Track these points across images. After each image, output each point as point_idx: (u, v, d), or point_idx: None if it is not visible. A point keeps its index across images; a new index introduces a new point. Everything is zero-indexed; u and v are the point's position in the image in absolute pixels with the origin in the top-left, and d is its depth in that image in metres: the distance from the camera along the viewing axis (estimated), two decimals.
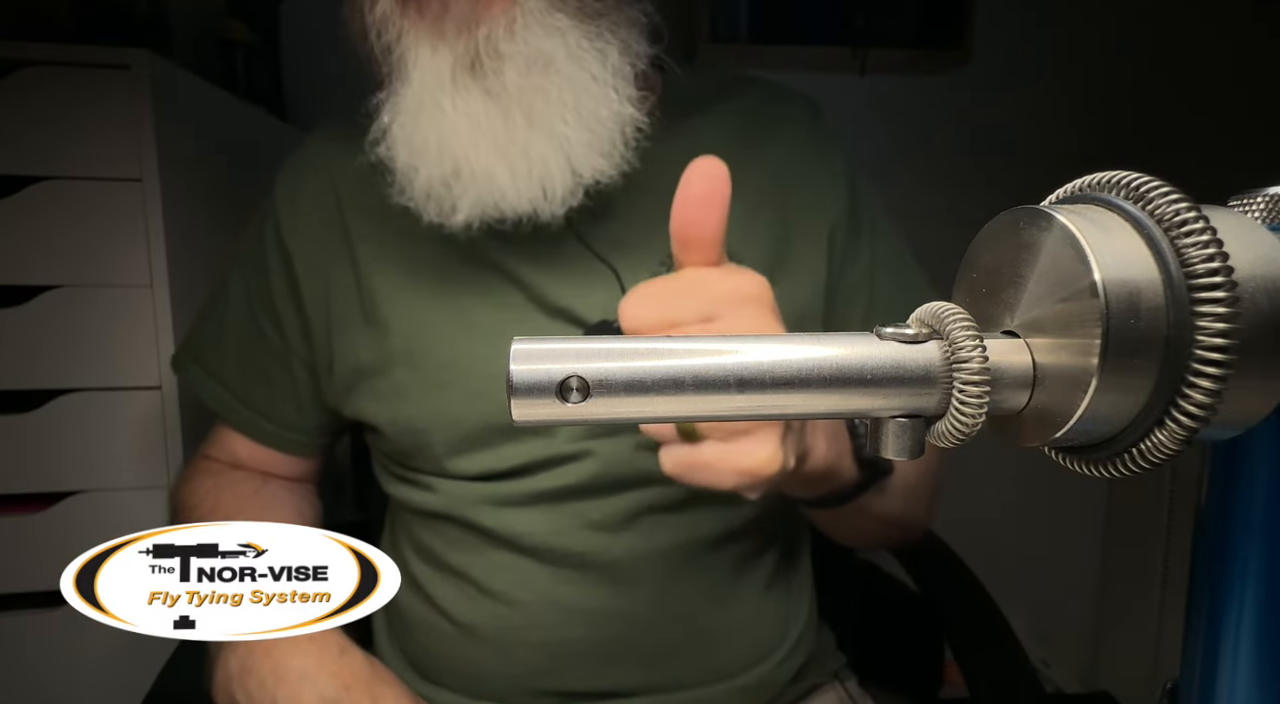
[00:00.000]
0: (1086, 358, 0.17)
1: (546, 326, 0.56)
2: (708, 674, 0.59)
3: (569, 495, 0.56)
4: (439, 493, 0.58)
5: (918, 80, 1.32)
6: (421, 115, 0.49)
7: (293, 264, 0.59)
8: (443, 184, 0.50)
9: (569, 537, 0.56)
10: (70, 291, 0.74)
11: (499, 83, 0.48)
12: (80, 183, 0.73)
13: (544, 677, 0.58)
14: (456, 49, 0.48)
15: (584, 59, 0.49)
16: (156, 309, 0.75)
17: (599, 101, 0.49)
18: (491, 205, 0.50)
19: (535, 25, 0.47)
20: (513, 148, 0.49)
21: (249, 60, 1.03)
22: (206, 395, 0.63)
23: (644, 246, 0.55)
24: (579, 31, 0.49)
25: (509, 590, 0.57)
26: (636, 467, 0.55)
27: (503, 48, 0.47)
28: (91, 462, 0.76)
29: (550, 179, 0.49)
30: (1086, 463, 0.19)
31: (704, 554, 0.58)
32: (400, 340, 0.56)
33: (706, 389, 0.18)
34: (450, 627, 0.59)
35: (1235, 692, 0.21)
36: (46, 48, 0.72)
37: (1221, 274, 0.16)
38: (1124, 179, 0.18)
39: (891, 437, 0.19)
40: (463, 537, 0.58)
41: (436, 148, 0.49)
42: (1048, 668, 1.45)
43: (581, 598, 0.56)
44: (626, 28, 0.51)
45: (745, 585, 0.60)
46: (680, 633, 0.58)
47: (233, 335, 0.62)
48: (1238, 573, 0.20)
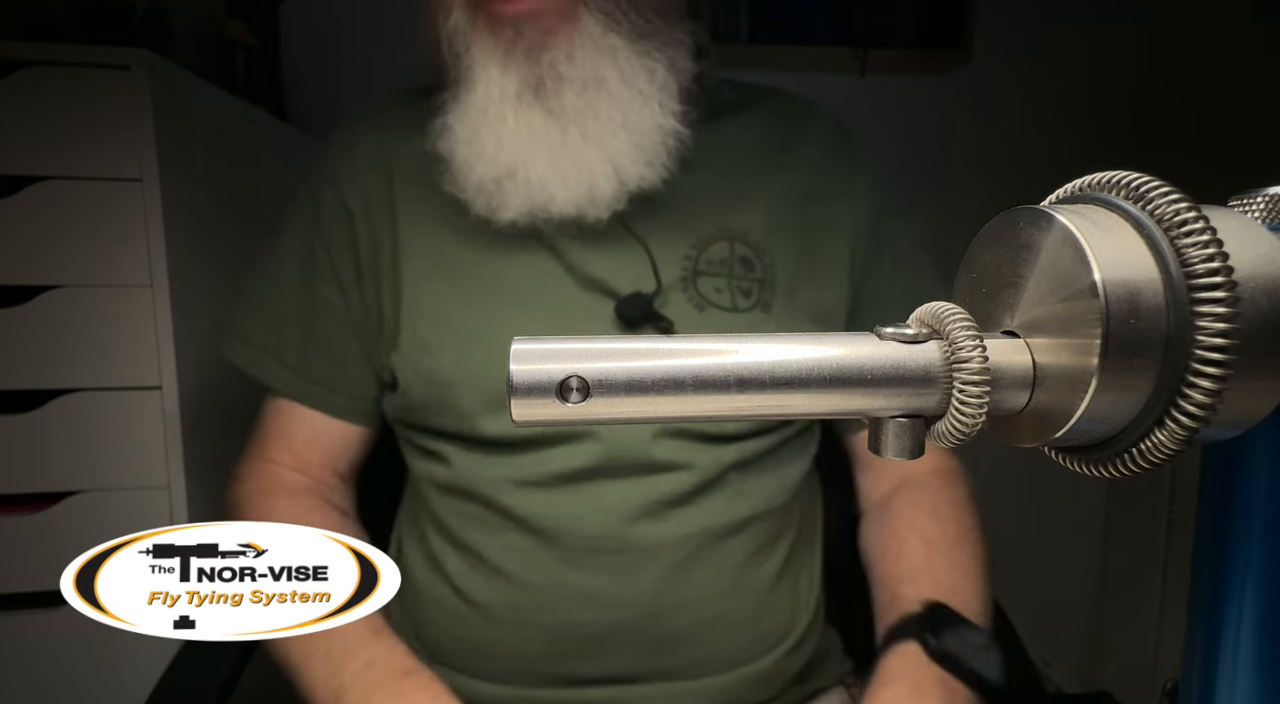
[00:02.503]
0: (1086, 358, 0.17)
1: (579, 296, 0.59)
2: (714, 663, 0.59)
3: (582, 477, 0.57)
4: (458, 468, 0.60)
5: (918, 80, 1.32)
6: (484, 122, 0.55)
7: (353, 222, 0.62)
8: (495, 183, 0.55)
9: (583, 521, 0.57)
10: (70, 291, 0.74)
11: (559, 103, 0.54)
12: (80, 183, 0.73)
13: (552, 660, 0.58)
14: (524, 71, 0.54)
15: (634, 78, 0.55)
16: (156, 309, 0.75)
17: (645, 116, 0.55)
18: (540, 207, 0.55)
19: (592, 48, 0.53)
20: (567, 158, 0.54)
21: (249, 60, 1.03)
22: (265, 374, 0.63)
23: (677, 230, 0.60)
24: (630, 51, 0.55)
25: (521, 572, 0.58)
26: (648, 453, 0.57)
27: (563, 71, 0.53)
28: (91, 462, 0.76)
29: (598, 187, 0.55)
30: (1086, 463, 0.19)
31: (714, 544, 0.59)
32: (431, 300, 0.59)
33: (706, 389, 0.18)
34: (464, 606, 0.60)
35: (1235, 692, 0.21)
36: (46, 48, 0.72)
37: (1221, 274, 0.16)
38: (1124, 179, 0.18)
39: (891, 437, 0.19)
40: (480, 514, 0.60)
41: (494, 151, 0.55)
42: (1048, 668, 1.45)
43: (592, 583, 0.57)
44: (673, 47, 0.57)
45: (755, 577, 0.61)
46: (688, 621, 0.58)
47: (290, 309, 0.63)
48: (1238, 573, 0.20)
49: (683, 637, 0.58)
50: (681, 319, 0.58)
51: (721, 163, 0.62)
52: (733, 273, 0.60)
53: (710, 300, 0.59)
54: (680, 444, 0.58)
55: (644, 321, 0.57)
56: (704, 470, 0.58)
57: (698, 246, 0.60)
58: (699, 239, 0.60)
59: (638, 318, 0.57)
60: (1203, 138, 1.28)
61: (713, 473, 0.58)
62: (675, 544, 0.58)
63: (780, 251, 0.61)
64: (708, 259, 0.60)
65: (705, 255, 0.60)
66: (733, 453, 0.59)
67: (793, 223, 0.62)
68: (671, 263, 0.59)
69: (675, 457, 0.57)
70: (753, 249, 0.61)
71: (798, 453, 0.64)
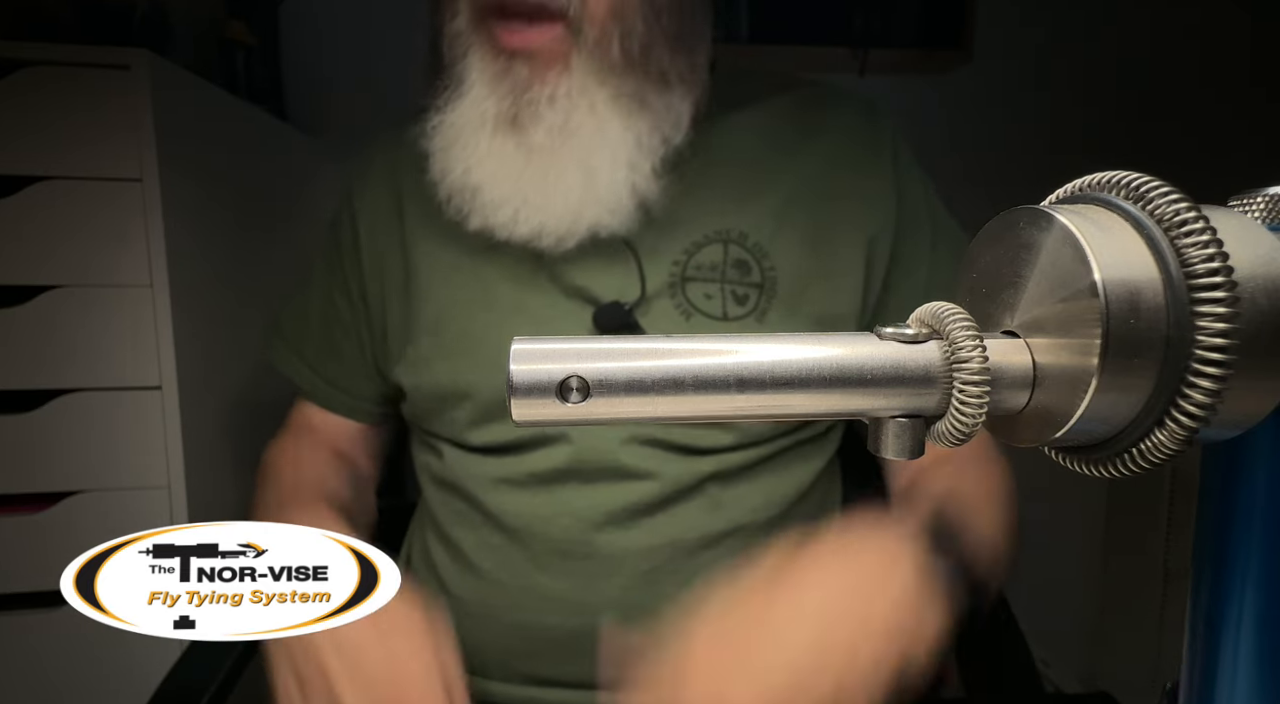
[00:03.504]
0: (1086, 358, 0.17)
1: (563, 304, 0.59)
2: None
3: (553, 479, 0.58)
4: (447, 461, 0.62)
5: (918, 80, 1.32)
6: (458, 141, 0.56)
7: (359, 244, 0.66)
8: (460, 194, 0.57)
9: (550, 523, 0.58)
10: (70, 291, 0.74)
11: (528, 139, 0.55)
12: (80, 183, 0.73)
13: (518, 659, 0.59)
14: (504, 103, 0.55)
15: (609, 134, 0.55)
16: (156, 309, 0.75)
17: (614, 171, 0.55)
18: (496, 226, 0.56)
19: (576, 98, 0.54)
20: (527, 190, 0.55)
21: (249, 60, 1.03)
22: (289, 370, 0.70)
23: (668, 233, 0.59)
24: (613, 109, 0.54)
25: (493, 570, 0.59)
26: (615, 459, 0.57)
27: (542, 112, 0.54)
28: (91, 462, 0.76)
29: (549, 223, 0.56)
30: (1086, 463, 0.19)
31: (684, 558, 0.58)
32: (430, 310, 0.62)
33: (706, 389, 0.18)
34: (446, 597, 0.61)
35: (1235, 692, 0.21)
36: (46, 48, 0.72)
37: (1221, 274, 0.16)
38: (1124, 179, 0.18)
39: (891, 437, 0.19)
40: (464, 510, 0.61)
41: (462, 167, 0.56)
42: (1048, 668, 1.44)
43: (558, 586, 0.58)
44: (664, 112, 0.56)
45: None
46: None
47: (315, 313, 0.69)
48: (1238, 573, 0.20)
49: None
50: (664, 329, 0.57)
51: (722, 160, 0.60)
52: (725, 277, 0.59)
53: (698, 307, 0.58)
54: (649, 452, 0.57)
55: (621, 332, 0.57)
56: (675, 480, 0.57)
57: (689, 250, 0.59)
58: (691, 242, 0.59)
59: (615, 328, 0.57)
60: (1203, 137, 1.28)
61: (685, 483, 0.57)
62: (641, 554, 0.57)
63: (788, 254, 0.59)
64: (698, 263, 0.58)
65: (696, 259, 0.59)
66: (710, 464, 0.58)
67: (807, 223, 0.60)
68: (659, 268, 0.58)
69: (643, 464, 0.57)
70: (751, 252, 0.59)
71: (794, 465, 0.62)
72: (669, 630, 0.46)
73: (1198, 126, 1.31)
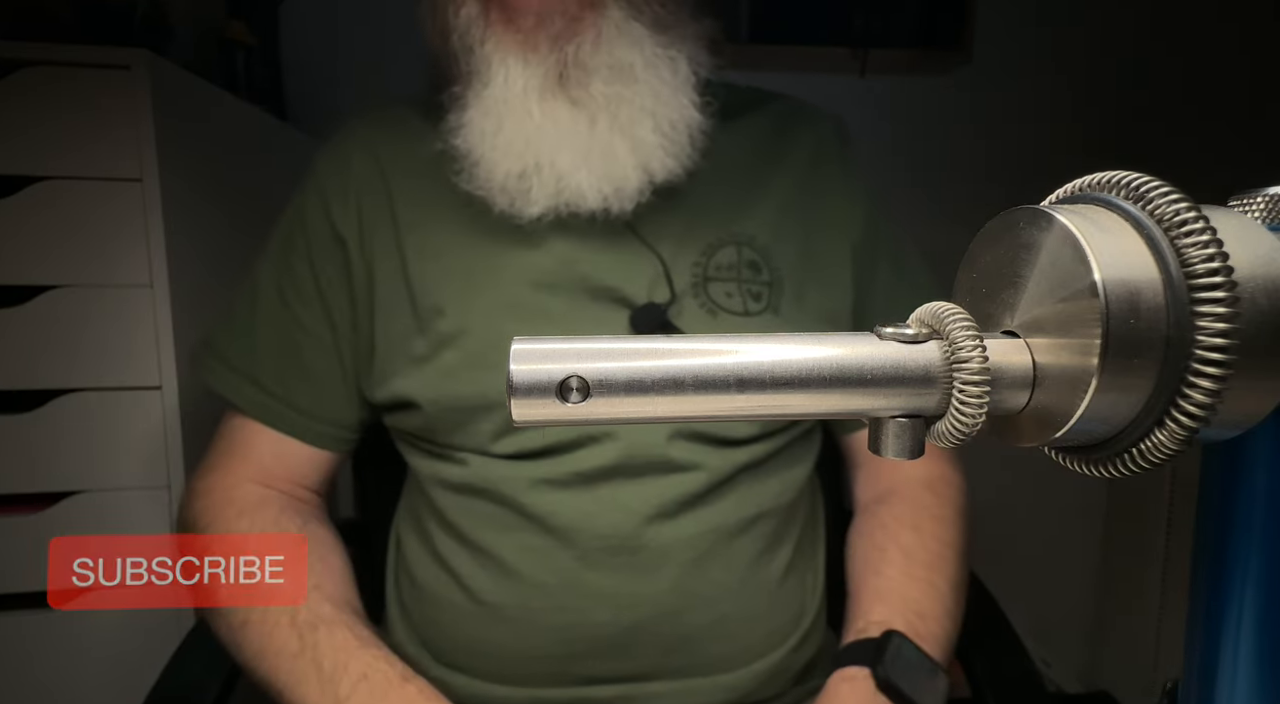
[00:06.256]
0: (1086, 358, 0.17)
1: (591, 308, 0.59)
2: (725, 660, 0.60)
3: (601, 477, 0.57)
4: (473, 467, 0.59)
5: (918, 80, 1.32)
6: (507, 116, 0.54)
7: (346, 248, 0.61)
8: (520, 178, 0.55)
9: (599, 519, 0.57)
10: (70, 291, 0.74)
11: (585, 93, 0.54)
12: (80, 183, 0.73)
13: (564, 660, 0.58)
14: (547, 63, 0.53)
15: (659, 67, 0.55)
16: (156, 309, 0.75)
17: (672, 107, 0.55)
18: (566, 201, 0.55)
19: (617, 36, 0.53)
20: (594, 150, 0.54)
21: (249, 60, 1.03)
22: (240, 399, 0.61)
23: (685, 236, 0.60)
24: (653, 41, 0.55)
25: (535, 572, 0.58)
26: (664, 454, 0.57)
27: (588, 61, 0.53)
28: (91, 462, 0.76)
29: (625, 179, 0.55)
30: (1086, 463, 0.19)
31: (728, 540, 0.59)
32: (451, 324, 0.58)
33: (706, 389, 0.18)
34: (473, 606, 0.59)
35: (1235, 692, 0.21)
36: (46, 48, 0.72)
37: (1221, 274, 0.16)
38: (1124, 179, 0.18)
39: (891, 436, 0.19)
40: (494, 513, 0.59)
41: (521, 146, 0.54)
42: (1048, 668, 1.45)
43: (607, 583, 0.57)
44: (692, 40, 0.58)
45: (764, 574, 0.61)
46: (702, 619, 0.59)
47: (267, 334, 0.61)
48: (1238, 573, 0.20)
49: (696, 634, 0.58)
50: (695, 327, 0.58)
51: (726, 167, 0.62)
52: (741, 277, 0.60)
53: (722, 305, 0.59)
54: (694, 446, 0.58)
55: (658, 332, 0.57)
56: (716, 471, 0.58)
57: (707, 252, 0.60)
58: (707, 244, 0.60)
59: (651, 328, 0.57)
60: (1203, 138, 1.28)
61: (724, 474, 0.59)
62: (689, 543, 0.58)
63: (785, 255, 0.62)
64: (717, 264, 0.60)
65: (715, 260, 0.60)
66: (744, 455, 0.60)
67: (796, 226, 0.63)
68: (682, 269, 0.59)
69: (689, 458, 0.58)
70: (759, 253, 0.61)
71: (800, 455, 0.65)
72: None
73: (1197, 126, 1.31)
